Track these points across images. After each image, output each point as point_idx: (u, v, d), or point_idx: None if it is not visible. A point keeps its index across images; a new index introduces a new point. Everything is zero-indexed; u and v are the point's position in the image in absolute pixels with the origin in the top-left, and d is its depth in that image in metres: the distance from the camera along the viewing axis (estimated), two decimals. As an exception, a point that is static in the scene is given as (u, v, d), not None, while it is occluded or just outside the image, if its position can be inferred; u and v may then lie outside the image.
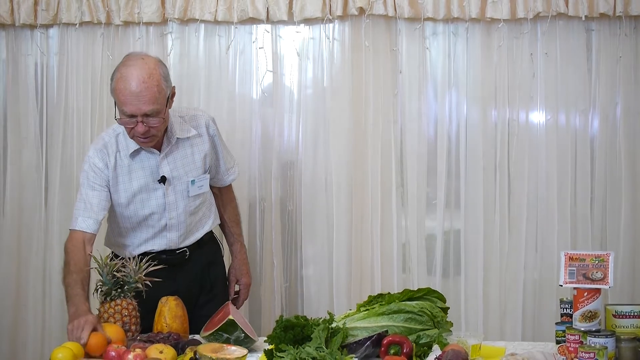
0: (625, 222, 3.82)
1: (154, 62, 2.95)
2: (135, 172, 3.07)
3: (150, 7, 3.85)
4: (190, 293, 3.15)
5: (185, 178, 3.11)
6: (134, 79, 2.87)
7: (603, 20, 3.79)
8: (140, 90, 2.86)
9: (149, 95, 2.87)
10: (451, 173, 3.91)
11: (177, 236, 3.15)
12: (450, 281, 3.93)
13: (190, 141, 3.14)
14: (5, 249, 4.05)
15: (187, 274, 3.20)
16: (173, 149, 3.09)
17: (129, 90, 2.86)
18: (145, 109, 2.87)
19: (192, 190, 3.14)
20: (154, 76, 2.89)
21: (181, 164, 3.11)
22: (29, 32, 4.01)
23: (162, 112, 2.93)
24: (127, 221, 3.12)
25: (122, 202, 3.07)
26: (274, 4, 3.81)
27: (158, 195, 3.09)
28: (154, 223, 3.12)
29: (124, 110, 2.89)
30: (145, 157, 3.07)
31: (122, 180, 3.06)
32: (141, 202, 3.08)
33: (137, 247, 3.14)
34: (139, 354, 2.49)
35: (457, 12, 3.76)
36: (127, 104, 2.87)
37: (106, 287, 2.83)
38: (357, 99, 3.88)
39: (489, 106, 3.88)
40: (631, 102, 3.82)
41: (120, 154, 3.05)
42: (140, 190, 3.07)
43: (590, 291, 2.53)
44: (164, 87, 2.92)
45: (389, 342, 2.50)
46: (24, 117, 4.02)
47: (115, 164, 3.04)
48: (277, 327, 2.58)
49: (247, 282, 3.42)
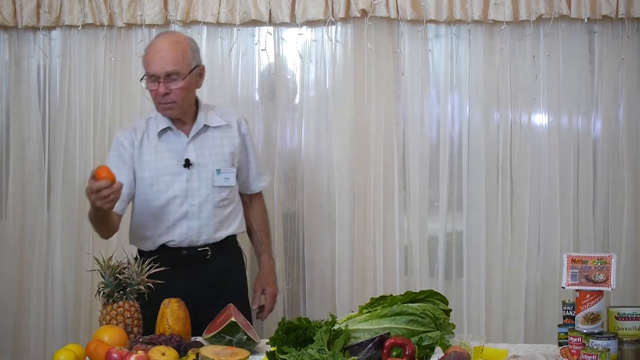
0: (628, 224, 3.82)
1: (184, 36, 3.22)
2: (161, 153, 3.16)
3: (152, 9, 3.86)
4: (206, 294, 3.16)
5: (211, 167, 3.17)
6: (161, 42, 3.12)
7: (605, 22, 3.79)
8: (165, 52, 3.07)
9: (172, 56, 3.06)
10: (453, 175, 3.91)
11: (198, 225, 3.17)
12: (453, 283, 3.93)
13: (220, 131, 3.23)
14: (7, 251, 4.05)
15: (207, 275, 3.21)
16: (201, 134, 3.18)
17: (154, 50, 3.09)
18: (167, 68, 3.04)
19: (217, 180, 3.18)
20: (180, 43, 3.12)
21: (208, 153, 3.18)
22: (32, 34, 4.02)
23: (184, 76, 3.07)
24: (150, 206, 3.16)
25: (146, 183, 3.15)
26: (276, 6, 3.81)
27: (182, 179, 3.15)
28: (175, 209, 3.16)
29: (148, 71, 3.08)
30: (172, 139, 3.17)
31: (147, 158, 3.15)
32: (165, 184, 3.14)
33: (158, 237, 3.18)
34: (141, 356, 2.49)
35: (459, 14, 3.77)
36: (150, 63, 3.07)
37: (108, 289, 2.83)
38: (360, 101, 3.89)
39: (492, 108, 3.88)
40: (634, 104, 3.82)
41: (148, 134, 3.17)
42: (165, 172, 3.14)
43: (593, 293, 2.52)
44: (190, 57, 3.11)
45: (391, 344, 2.50)
46: (27, 119, 4.03)
47: (142, 142, 3.16)
48: (280, 329, 2.58)
49: (273, 292, 3.45)
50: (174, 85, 3.06)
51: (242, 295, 3.36)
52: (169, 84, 3.05)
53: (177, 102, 3.09)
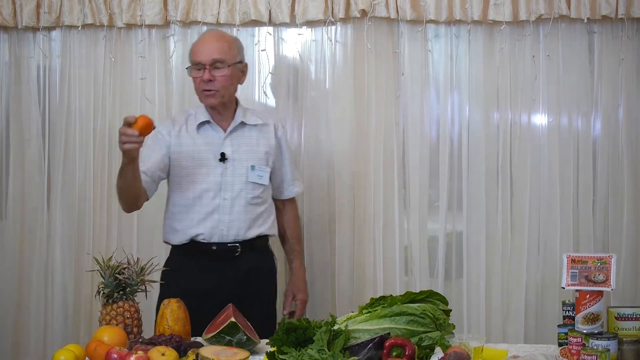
0: (628, 225, 3.82)
1: (230, 35, 3.42)
2: (198, 145, 3.27)
3: (152, 9, 3.86)
4: (234, 292, 3.20)
5: (245, 162, 3.26)
6: (209, 34, 3.38)
7: (605, 22, 3.79)
8: (212, 41, 3.26)
9: (218, 45, 3.24)
10: (453, 175, 3.91)
11: (228, 220, 3.24)
12: (453, 283, 3.93)
13: (257, 130, 3.34)
14: (7, 251, 4.05)
15: (235, 272, 3.26)
16: (238, 130, 3.30)
17: (201, 41, 3.30)
18: (212, 56, 3.20)
19: (251, 177, 3.27)
20: (226, 37, 3.32)
21: (244, 150, 3.28)
22: (32, 34, 4.02)
23: (228, 64, 3.22)
24: (183, 196, 3.25)
25: (181, 170, 3.24)
26: (276, 7, 3.81)
27: (216, 172, 3.24)
28: (207, 202, 3.23)
29: (194, 59, 3.24)
30: (210, 133, 3.29)
31: (184, 149, 3.27)
32: (199, 176, 3.24)
33: (189, 229, 3.25)
34: (141, 356, 2.49)
35: (459, 15, 3.77)
36: (197, 52, 3.25)
37: (108, 289, 2.83)
38: (360, 101, 3.89)
39: (491, 108, 3.88)
40: (633, 105, 3.82)
41: (187, 127, 3.29)
42: (200, 164, 3.25)
43: (593, 294, 2.52)
44: (235, 50, 3.28)
45: (391, 345, 2.50)
46: (27, 120, 4.03)
47: (179, 133, 3.28)
48: (279, 330, 2.58)
49: (303, 299, 3.51)
50: (218, 73, 3.20)
51: (270, 298, 3.42)
52: (213, 72, 3.19)
53: (219, 91, 3.22)
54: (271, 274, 3.44)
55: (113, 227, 3.98)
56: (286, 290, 3.53)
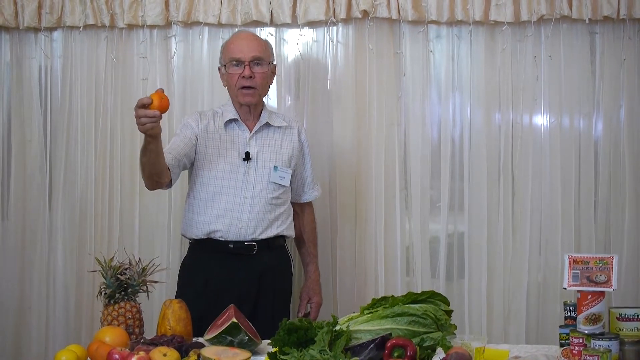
0: (629, 225, 3.82)
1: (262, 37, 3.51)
2: (224, 142, 3.33)
3: (154, 10, 3.86)
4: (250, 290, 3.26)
5: (269, 163, 3.31)
6: (245, 33, 3.46)
7: (607, 23, 3.79)
8: (251, 39, 3.36)
9: (257, 43, 3.35)
10: (455, 176, 3.91)
11: (247, 219, 3.27)
12: (454, 284, 3.93)
13: (281, 132, 3.41)
14: (9, 252, 4.05)
15: (251, 271, 3.28)
16: (263, 131, 3.37)
17: (239, 40, 3.35)
18: (253, 53, 3.28)
19: (273, 177, 3.31)
20: (261, 38, 3.46)
21: (268, 150, 3.33)
22: (33, 35, 4.02)
23: (267, 62, 3.32)
24: (205, 190, 3.30)
25: (205, 164, 3.28)
26: (277, 7, 3.81)
27: (240, 171, 3.30)
28: (228, 198, 3.27)
29: (233, 57, 3.29)
30: (236, 132, 3.35)
31: (212, 143, 3.32)
32: (222, 172, 3.29)
33: (207, 225, 3.28)
34: (143, 356, 2.49)
35: (460, 15, 3.77)
36: (236, 50, 3.30)
37: (110, 289, 2.83)
38: (361, 101, 3.89)
39: (493, 109, 3.87)
40: (635, 105, 3.82)
41: (214, 124, 3.35)
42: (224, 161, 3.30)
43: (594, 294, 2.52)
44: (269, 50, 3.40)
45: (392, 345, 2.49)
46: (28, 120, 4.03)
47: (207, 127, 3.33)
48: (281, 330, 2.58)
49: (318, 302, 3.56)
50: (258, 70, 3.28)
51: (284, 296, 3.44)
52: (253, 68, 3.27)
53: (257, 89, 3.30)
54: (287, 274, 3.48)
55: (115, 227, 3.98)
56: (301, 293, 3.56)
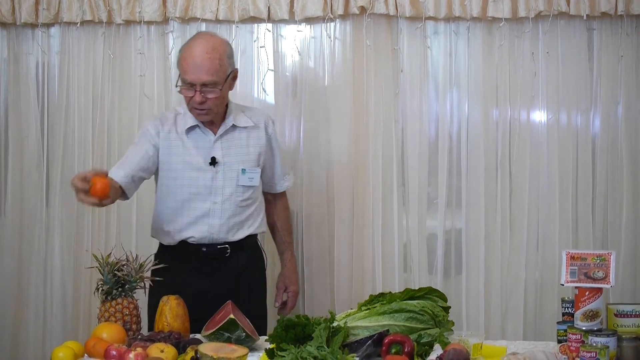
0: (627, 222, 3.82)
1: (220, 41, 3.16)
2: (188, 149, 3.17)
3: (151, 5, 3.86)
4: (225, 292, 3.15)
5: (236, 166, 3.19)
6: (199, 49, 3.06)
7: (604, 19, 3.78)
8: (202, 60, 3.03)
9: (210, 65, 3.04)
10: (452, 172, 3.90)
11: (219, 224, 3.18)
12: (452, 280, 3.93)
13: (247, 131, 3.24)
14: (6, 248, 4.05)
15: (225, 273, 3.22)
16: (229, 133, 3.20)
17: (191, 59, 3.05)
18: (204, 78, 3.03)
19: (242, 180, 3.20)
20: (217, 50, 3.07)
21: (234, 152, 3.20)
22: (30, 31, 4.01)
23: (220, 86, 3.07)
24: (173, 199, 3.18)
25: (171, 173, 3.17)
26: (275, 3, 3.81)
27: (207, 176, 3.16)
28: (197, 205, 3.17)
29: (184, 78, 3.06)
30: (200, 137, 3.18)
31: (174, 151, 3.17)
32: (189, 179, 3.16)
33: (178, 233, 3.19)
34: (140, 353, 2.49)
35: (458, 11, 3.76)
36: (188, 72, 3.04)
37: (107, 286, 2.83)
38: (359, 98, 3.88)
39: (491, 105, 3.87)
40: (632, 101, 3.82)
41: (177, 129, 3.18)
42: (190, 168, 3.16)
43: (592, 290, 2.53)
44: (226, 64, 3.09)
45: (390, 342, 2.50)
46: (25, 116, 4.03)
47: (168, 135, 3.18)
48: (278, 326, 2.58)
49: (295, 290, 3.48)
50: (211, 94, 3.06)
51: (260, 294, 3.39)
52: (205, 92, 3.05)
53: (212, 109, 3.11)
54: (261, 271, 3.41)
55: (112, 223, 3.98)
56: (277, 282, 3.48)
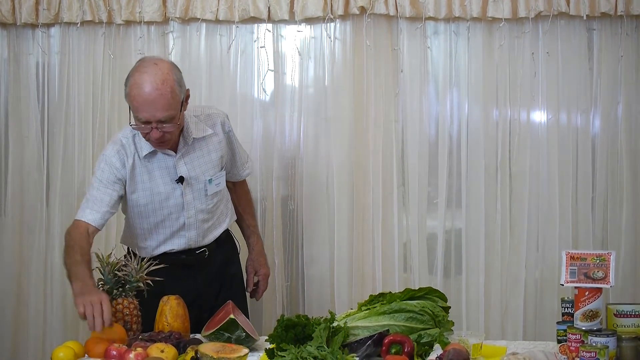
0: (627, 222, 3.82)
1: (167, 67, 2.92)
2: (153, 172, 3.06)
3: (151, 6, 3.86)
4: (211, 291, 3.17)
5: (202, 177, 3.12)
6: (148, 85, 2.85)
7: (604, 19, 3.78)
8: (154, 97, 2.84)
9: (163, 101, 2.85)
10: (452, 172, 3.90)
11: (195, 235, 3.15)
12: (452, 280, 3.93)
13: (207, 140, 3.14)
14: (6, 248, 4.05)
15: (207, 273, 3.21)
16: (189, 149, 3.09)
17: (142, 97, 2.85)
18: (159, 116, 2.86)
19: (210, 189, 3.15)
20: (167, 82, 2.87)
21: (198, 164, 3.11)
22: (31, 31, 4.01)
23: (177, 118, 2.91)
24: (146, 222, 3.12)
25: (140, 203, 3.08)
26: (275, 3, 3.81)
27: (176, 195, 3.09)
28: (172, 223, 3.12)
29: (138, 116, 2.89)
30: (162, 158, 3.07)
31: (140, 180, 3.06)
32: (159, 202, 3.09)
33: (155, 249, 3.15)
34: (140, 353, 2.49)
35: (458, 12, 3.76)
36: (141, 110, 2.86)
37: (107, 286, 2.83)
38: (359, 98, 3.88)
39: (491, 105, 3.87)
40: (632, 102, 3.82)
41: (138, 155, 3.04)
42: (158, 191, 3.07)
43: (592, 290, 2.53)
44: (178, 92, 2.91)
45: (390, 342, 2.50)
46: (25, 116, 4.03)
47: (134, 164, 3.03)
48: (278, 326, 2.58)
49: (265, 273, 3.44)
50: (168, 127, 2.90)
51: (240, 284, 3.38)
52: (161, 126, 2.89)
53: (171, 139, 2.99)
54: (237, 260, 3.39)
55: (112, 223, 3.96)
56: (247, 266, 3.42)
